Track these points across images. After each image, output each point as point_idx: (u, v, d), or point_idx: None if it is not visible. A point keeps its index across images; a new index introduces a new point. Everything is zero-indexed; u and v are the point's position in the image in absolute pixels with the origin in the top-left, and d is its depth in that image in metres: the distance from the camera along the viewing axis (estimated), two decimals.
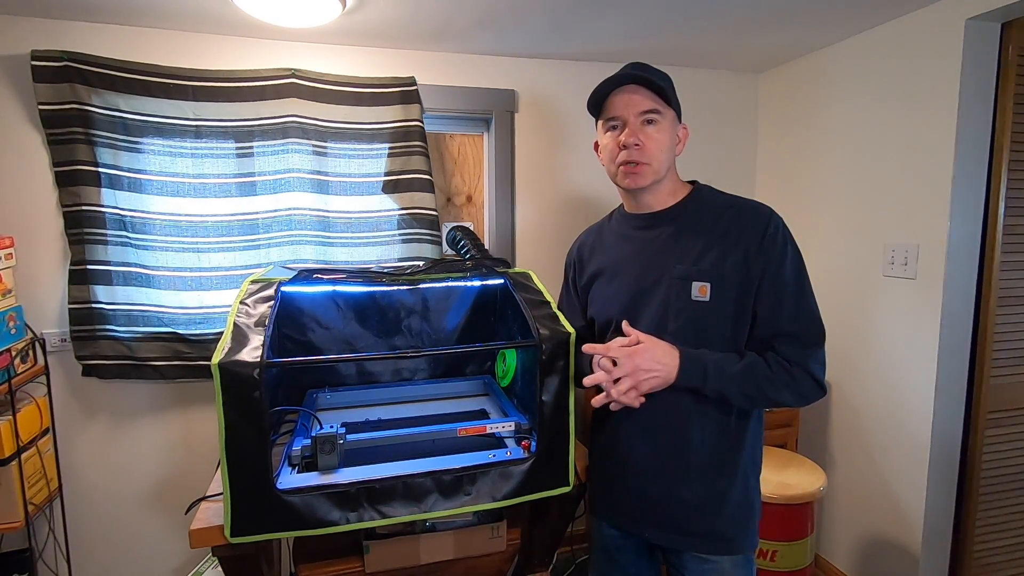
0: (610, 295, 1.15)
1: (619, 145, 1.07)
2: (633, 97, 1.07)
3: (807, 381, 1.01)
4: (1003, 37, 1.61)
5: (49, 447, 1.76)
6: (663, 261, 1.08)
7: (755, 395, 1.01)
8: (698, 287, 1.03)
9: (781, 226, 1.05)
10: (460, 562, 1.39)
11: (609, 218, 1.26)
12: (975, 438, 1.75)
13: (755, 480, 1.12)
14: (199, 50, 1.82)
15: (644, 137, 1.06)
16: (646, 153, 1.06)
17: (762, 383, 1.00)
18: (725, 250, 1.04)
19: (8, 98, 1.69)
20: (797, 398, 1.02)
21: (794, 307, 1.02)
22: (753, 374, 1.00)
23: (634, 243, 1.14)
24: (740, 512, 1.08)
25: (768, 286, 1.02)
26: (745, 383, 1.00)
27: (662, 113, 1.07)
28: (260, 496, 1.01)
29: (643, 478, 1.11)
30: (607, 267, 1.18)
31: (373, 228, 1.96)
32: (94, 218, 1.72)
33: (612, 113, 1.09)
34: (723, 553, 1.07)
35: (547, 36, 1.90)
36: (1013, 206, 1.67)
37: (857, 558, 2.01)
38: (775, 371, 1.00)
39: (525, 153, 2.16)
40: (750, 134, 2.41)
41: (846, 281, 2.01)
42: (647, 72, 1.07)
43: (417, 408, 1.50)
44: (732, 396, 1.01)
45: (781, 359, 1.01)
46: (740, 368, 1.00)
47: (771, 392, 1.01)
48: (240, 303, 1.13)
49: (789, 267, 1.03)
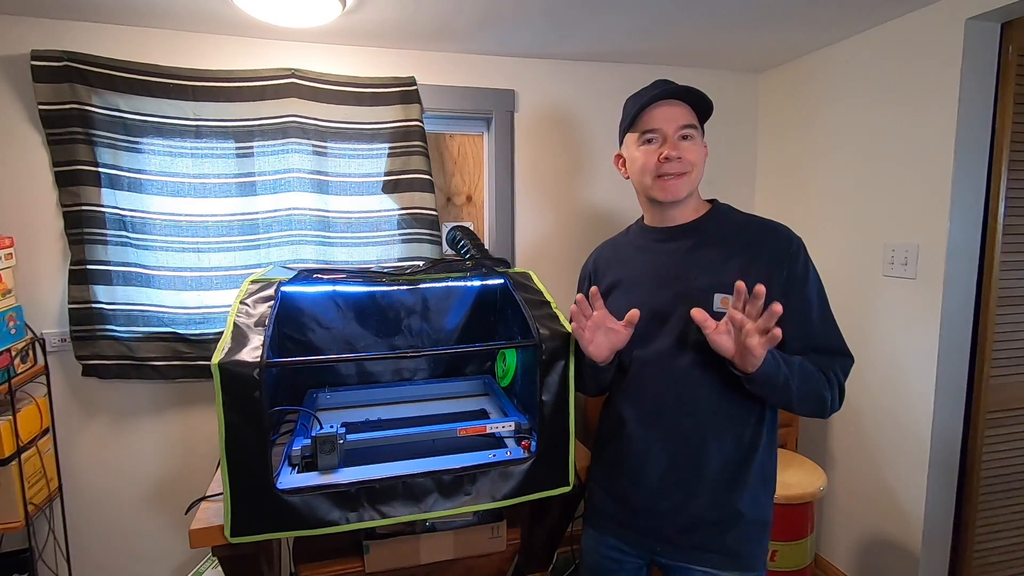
0: (627, 306, 1.11)
1: (660, 159, 1.06)
2: (673, 111, 1.07)
3: (837, 391, 1.01)
4: (1003, 37, 1.61)
5: (49, 447, 1.76)
6: (684, 273, 1.08)
7: (809, 393, 0.98)
8: (720, 299, 1.03)
9: (801, 245, 1.06)
10: (460, 562, 1.39)
11: (627, 231, 1.25)
12: (975, 438, 1.75)
13: (768, 498, 1.10)
14: (199, 50, 1.82)
15: (683, 151, 1.06)
16: (686, 164, 1.06)
17: (815, 381, 0.99)
18: (746, 263, 1.04)
19: (8, 98, 1.69)
20: (828, 407, 1.01)
21: (822, 324, 1.03)
22: (807, 372, 0.98)
23: (654, 255, 1.14)
24: (753, 529, 1.07)
25: (795, 303, 1.01)
26: (803, 380, 0.97)
27: (697, 129, 1.08)
28: (260, 496, 1.01)
29: (655, 491, 1.09)
30: (625, 278, 1.16)
31: (373, 228, 1.96)
32: (94, 218, 1.72)
33: (651, 126, 1.08)
34: (734, 569, 1.06)
35: (547, 36, 1.90)
36: (1013, 206, 1.67)
37: (857, 558, 2.01)
38: (816, 370, 0.99)
39: (525, 153, 2.16)
40: (750, 134, 2.41)
41: (846, 281, 2.01)
42: (691, 90, 1.08)
43: (417, 408, 1.50)
44: (793, 392, 0.96)
45: (819, 367, 1.00)
46: (797, 365, 0.97)
47: (823, 390, 0.99)
48: (240, 303, 1.13)
49: (812, 284, 1.04)
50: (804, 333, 1.02)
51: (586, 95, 2.18)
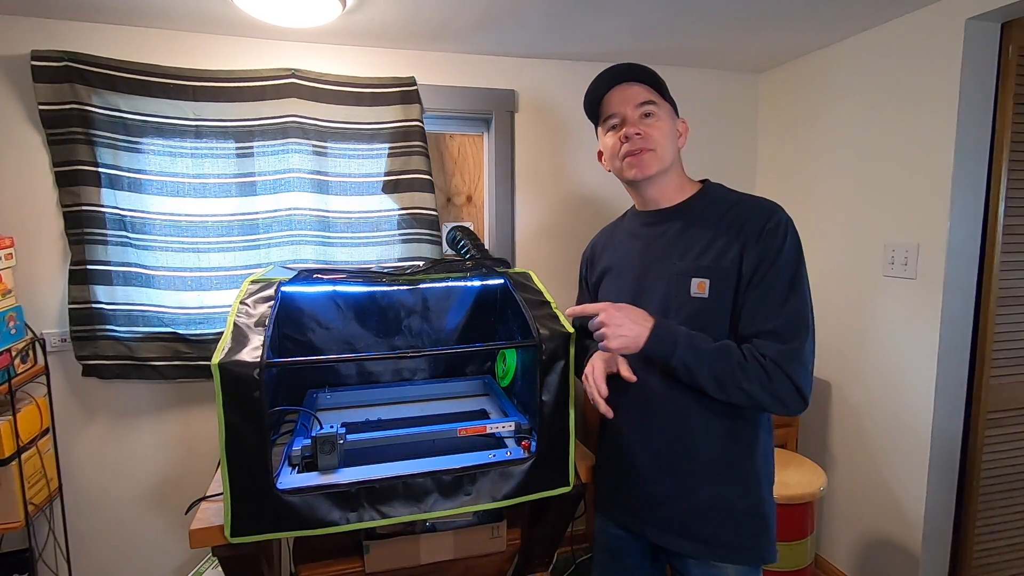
0: (615, 291, 1.16)
1: (621, 139, 1.08)
2: (628, 92, 1.09)
3: (784, 383, 0.95)
4: (1003, 37, 1.61)
5: (49, 447, 1.76)
6: (665, 258, 1.08)
7: (726, 380, 0.96)
8: (697, 283, 1.03)
9: (783, 221, 1.01)
10: (460, 562, 1.39)
11: (622, 217, 1.27)
12: (975, 438, 1.75)
13: (768, 491, 1.09)
14: (199, 50, 1.82)
15: (644, 127, 1.07)
16: (649, 140, 1.07)
17: (734, 368, 0.96)
18: (725, 246, 1.03)
19: (8, 98, 1.69)
20: (773, 400, 0.97)
21: (779, 303, 0.98)
22: (726, 357, 0.96)
23: (641, 240, 1.15)
24: (748, 521, 1.06)
25: (757, 281, 0.99)
26: (716, 364, 0.96)
27: (658, 105, 1.09)
28: (260, 496, 1.01)
29: (648, 478, 1.10)
30: (615, 264, 1.19)
31: (373, 228, 1.96)
32: (94, 218, 1.72)
33: (610, 111, 1.10)
34: (727, 561, 1.06)
35: (547, 36, 1.90)
36: (1013, 206, 1.66)
37: (857, 558, 2.01)
38: (748, 361, 0.96)
39: (525, 153, 2.16)
40: (750, 134, 2.41)
41: (846, 281, 2.01)
42: (636, 68, 1.09)
43: (417, 408, 1.50)
44: (702, 376, 0.97)
45: (757, 353, 0.97)
46: (713, 348, 0.97)
47: (743, 382, 0.95)
48: (240, 303, 1.13)
49: (783, 262, 0.98)
50: (754, 318, 0.99)
51: None
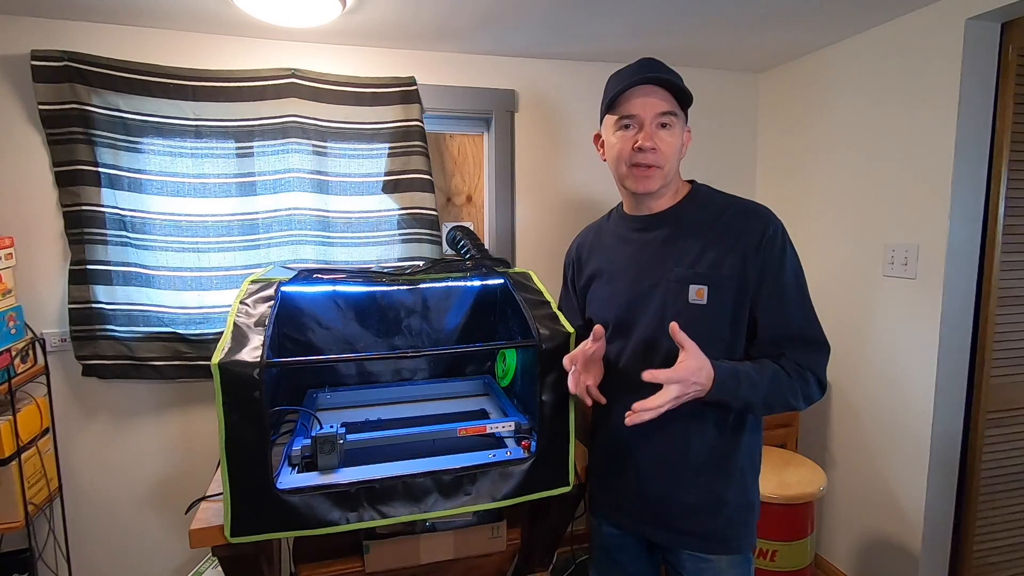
0: (607, 297, 1.15)
1: (634, 147, 1.04)
2: (651, 99, 1.03)
3: (815, 385, 1.02)
4: (1003, 37, 1.61)
5: (49, 447, 1.76)
6: (660, 264, 1.08)
7: (775, 404, 1.00)
8: (695, 290, 1.03)
9: (780, 228, 1.04)
10: (460, 562, 1.39)
11: (607, 217, 1.25)
12: (975, 438, 1.75)
13: (753, 480, 1.11)
14: (199, 50, 1.82)
15: (659, 141, 1.03)
16: (660, 157, 1.04)
17: (785, 391, 0.99)
18: (723, 252, 1.03)
19: (8, 98, 1.69)
20: (807, 402, 1.02)
21: (800, 311, 1.02)
22: (779, 384, 0.99)
23: (632, 245, 1.14)
24: (738, 513, 1.08)
25: (769, 289, 1.01)
26: (771, 394, 0.99)
27: (677, 116, 1.05)
28: (260, 496, 1.01)
29: (642, 479, 1.11)
30: (605, 269, 1.17)
31: (373, 228, 1.96)
32: (94, 218, 1.72)
33: (629, 112, 1.04)
34: (720, 553, 1.07)
35: (547, 36, 1.90)
36: (1013, 206, 1.66)
37: (857, 558, 2.01)
38: (794, 378, 1.00)
39: (525, 153, 2.16)
40: (750, 134, 2.41)
41: (846, 281, 2.01)
42: (665, 73, 1.04)
43: (417, 408, 1.50)
44: (756, 406, 1.00)
45: (796, 365, 1.01)
46: (768, 379, 0.99)
47: (791, 399, 1.00)
48: (240, 303, 1.13)
49: (789, 270, 1.02)
50: (778, 323, 1.02)
51: (586, 95, 2.18)
